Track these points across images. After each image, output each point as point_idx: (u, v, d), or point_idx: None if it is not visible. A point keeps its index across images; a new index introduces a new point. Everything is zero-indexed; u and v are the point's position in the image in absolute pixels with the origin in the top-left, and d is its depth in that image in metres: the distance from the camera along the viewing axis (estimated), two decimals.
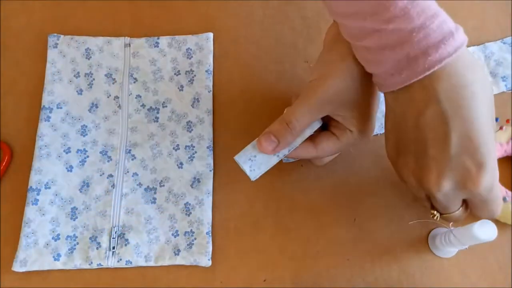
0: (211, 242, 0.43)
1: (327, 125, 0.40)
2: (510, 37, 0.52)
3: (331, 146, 0.39)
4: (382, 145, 0.47)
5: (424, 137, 0.33)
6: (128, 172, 0.45)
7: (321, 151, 0.40)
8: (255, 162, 0.38)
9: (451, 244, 0.40)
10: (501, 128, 0.45)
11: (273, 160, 0.39)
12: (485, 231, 0.36)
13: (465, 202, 0.36)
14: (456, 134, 0.31)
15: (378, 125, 0.46)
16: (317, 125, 0.39)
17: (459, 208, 0.36)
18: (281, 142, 0.38)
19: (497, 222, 0.44)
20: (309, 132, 0.39)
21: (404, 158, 0.36)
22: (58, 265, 0.42)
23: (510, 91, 0.50)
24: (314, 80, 0.37)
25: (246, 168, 0.38)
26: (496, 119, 0.45)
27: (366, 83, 0.37)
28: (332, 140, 0.39)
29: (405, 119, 0.34)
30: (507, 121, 0.45)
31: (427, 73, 0.31)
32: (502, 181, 0.45)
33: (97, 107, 0.48)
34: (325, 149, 0.40)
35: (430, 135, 0.32)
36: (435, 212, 0.38)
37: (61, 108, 0.47)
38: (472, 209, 0.36)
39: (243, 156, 0.39)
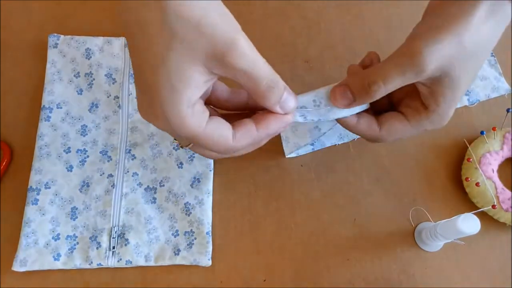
0: (211, 242, 0.43)
1: (394, 105, 0.38)
2: None
3: (398, 127, 0.36)
4: (382, 145, 0.48)
5: None
6: (128, 172, 0.45)
7: (386, 132, 0.36)
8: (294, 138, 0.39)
9: (436, 238, 0.41)
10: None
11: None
12: (468, 224, 0.36)
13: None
14: None
15: None
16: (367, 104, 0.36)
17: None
18: (357, 101, 0.34)
19: (497, 222, 0.44)
20: (358, 109, 0.36)
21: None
22: (58, 265, 0.42)
23: (509, 94, 0.50)
24: (419, 34, 0.32)
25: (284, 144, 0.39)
26: (482, 132, 0.45)
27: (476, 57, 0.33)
28: (399, 120, 0.35)
29: None
30: (493, 128, 0.45)
31: None
32: (503, 181, 0.45)
33: (97, 107, 0.48)
34: (391, 130, 0.36)
35: None
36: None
37: (61, 108, 0.47)
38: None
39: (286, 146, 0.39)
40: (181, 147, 0.35)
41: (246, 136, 0.32)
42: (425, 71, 0.31)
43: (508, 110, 0.45)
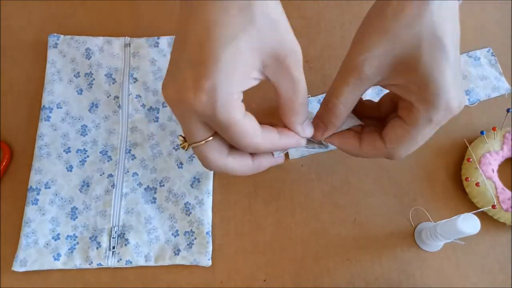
0: (211, 242, 0.43)
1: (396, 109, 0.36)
2: (476, 50, 0.52)
3: (400, 133, 0.33)
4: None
5: None
6: (128, 172, 0.45)
7: (391, 145, 0.34)
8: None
9: (436, 238, 0.41)
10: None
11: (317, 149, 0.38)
12: (468, 224, 0.36)
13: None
14: None
15: None
16: (353, 122, 0.36)
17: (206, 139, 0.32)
18: (328, 127, 0.35)
19: (497, 222, 0.44)
20: (345, 126, 0.36)
21: None
22: (58, 265, 0.42)
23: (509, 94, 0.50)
24: (352, 43, 0.33)
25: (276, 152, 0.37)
26: (482, 132, 0.45)
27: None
28: (400, 125, 0.33)
29: None
30: (493, 128, 0.45)
31: None
32: (503, 181, 0.45)
33: (97, 107, 0.48)
34: (395, 140, 0.34)
35: None
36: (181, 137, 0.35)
37: (61, 108, 0.47)
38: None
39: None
40: (183, 147, 0.34)
41: (270, 139, 0.33)
42: (364, 72, 0.31)
43: (508, 110, 0.45)
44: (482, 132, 0.45)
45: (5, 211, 0.44)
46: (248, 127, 0.31)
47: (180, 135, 0.34)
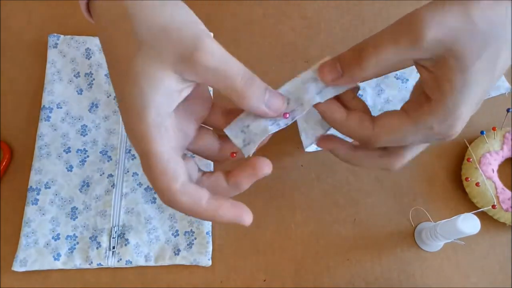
0: (211, 242, 0.43)
1: None
2: None
3: (395, 123, 0.30)
4: None
5: None
6: (128, 171, 0.45)
7: (379, 129, 0.31)
8: (248, 134, 0.31)
9: (436, 238, 0.41)
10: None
11: (272, 128, 0.30)
12: (468, 224, 0.36)
13: None
14: None
15: None
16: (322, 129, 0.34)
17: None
18: (345, 75, 0.30)
19: (497, 222, 0.44)
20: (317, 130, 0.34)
21: None
22: (58, 265, 0.42)
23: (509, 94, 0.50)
24: (421, 6, 0.27)
25: (238, 142, 0.31)
26: (482, 132, 0.45)
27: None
28: (397, 115, 0.30)
29: None
30: (493, 128, 0.45)
31: None
32: (503, 181, 0.45)
33: (97, 107, 0.48)
34: (386, 127, 0.30)
35: None
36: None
37: (61, 108, 0.47)
38: None
39: (234, 127, 0.31)
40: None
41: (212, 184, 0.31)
42: (423, 40, 0.26)
43: (508, 110, 0.45)
44: (482, 132, 0.45)
45: (5, 211, 0.44)
46: (169, 168, 0.28)
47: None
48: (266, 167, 0.30)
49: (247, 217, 0.30)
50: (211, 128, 0.34)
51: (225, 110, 0.34)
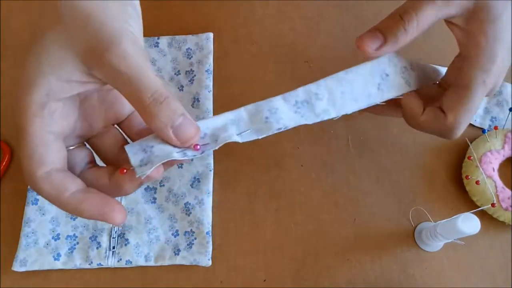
0: (211, 242, 0.43)
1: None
2: None
3: (455, 98, 0.32)
4: (382, 145, 0.48)
5: None
6: None
7: (450, 110, 0.33)
8: (149, 154, 0.28)
9: (436, 238, 0.41)
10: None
11: (177, 156, 0.28)
12: (468, 224, 0.36)
13: None
14: None
15: None
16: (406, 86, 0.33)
17: None
18: (389, 40, 0.31)
19: (497, 221, 0.44)
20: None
21: None
22: (58, 265, 0.42)
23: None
24: None
25: (135, 161, 0.28)
26: (484, 131, 0.45)
27: None
28: (451, 92, 0.33)
29: None
30: (495, 128, 0.45)
31: None
32: (503, 180, 0.45)
33: None
34: (453, 106, 0.33)
35: None
36: None
37: None
38: None
39: (136, 145, 0.29)
40: None
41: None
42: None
43: (510, 109, 0.45)
44: (484, 131, 0.45)
45: (5, 211, 0.44)
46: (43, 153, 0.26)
47: None
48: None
49: (116, 215, 0.27)
50: (124, 135, 0.32)
51: (144, 128, 0.31)
